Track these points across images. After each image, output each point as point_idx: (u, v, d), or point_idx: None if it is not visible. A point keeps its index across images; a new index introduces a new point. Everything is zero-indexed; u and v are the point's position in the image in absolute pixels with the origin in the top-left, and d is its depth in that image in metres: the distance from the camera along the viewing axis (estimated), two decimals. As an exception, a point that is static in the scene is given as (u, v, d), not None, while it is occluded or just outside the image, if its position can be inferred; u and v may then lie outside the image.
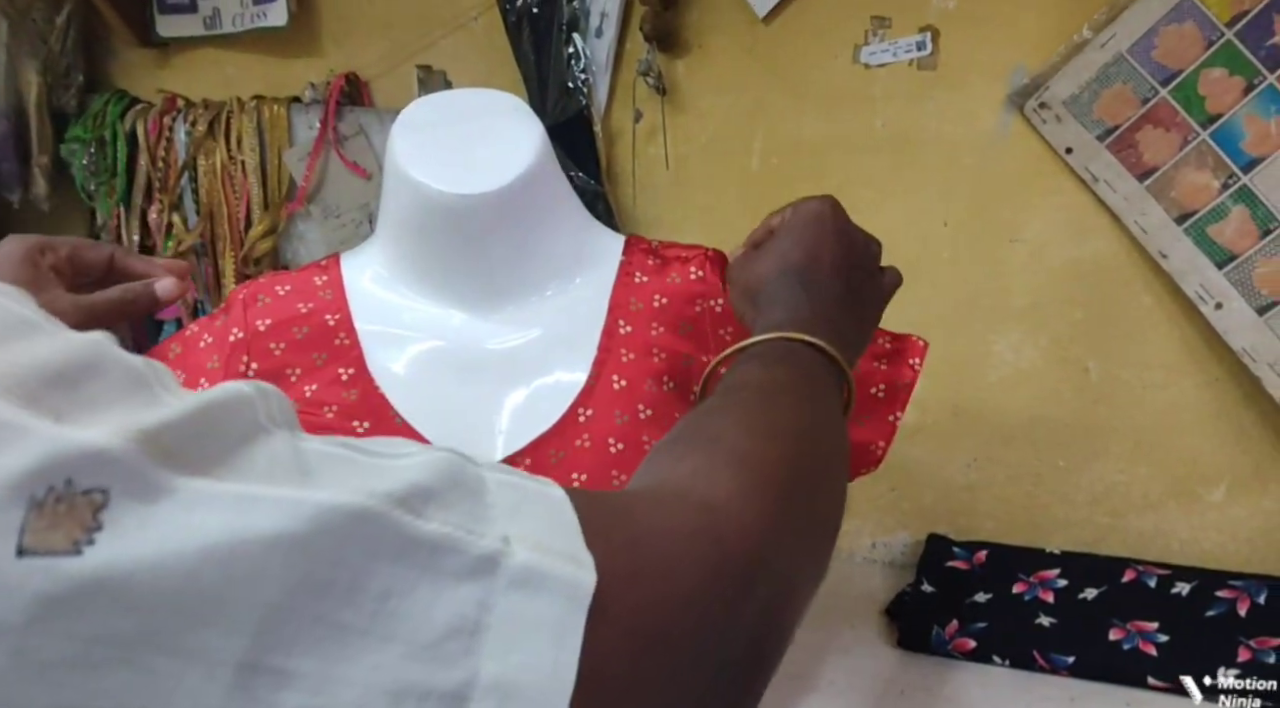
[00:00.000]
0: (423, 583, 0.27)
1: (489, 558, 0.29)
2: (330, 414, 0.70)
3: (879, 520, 1.19)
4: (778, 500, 0.39)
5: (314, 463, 0.29)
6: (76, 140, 1.45)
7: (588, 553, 0.30)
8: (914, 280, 1.10)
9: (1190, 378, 1.02)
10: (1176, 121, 0.93)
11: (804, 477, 0.42)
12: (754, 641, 0.36)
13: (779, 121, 1.12)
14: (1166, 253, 0.96)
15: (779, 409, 0.46)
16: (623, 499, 0.37)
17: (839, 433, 0.51)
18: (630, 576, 0.31)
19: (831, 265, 0.60)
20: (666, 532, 0.34)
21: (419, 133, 0.75)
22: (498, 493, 0.31)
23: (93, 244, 0.71)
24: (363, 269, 0.78)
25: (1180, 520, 1.06)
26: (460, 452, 0.33)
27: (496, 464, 0.34)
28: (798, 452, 0.43)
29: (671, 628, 0.32)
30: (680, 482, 0.39)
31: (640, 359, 0.73)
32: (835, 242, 0.61)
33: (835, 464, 0.48)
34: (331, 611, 0.26)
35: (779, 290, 0.59)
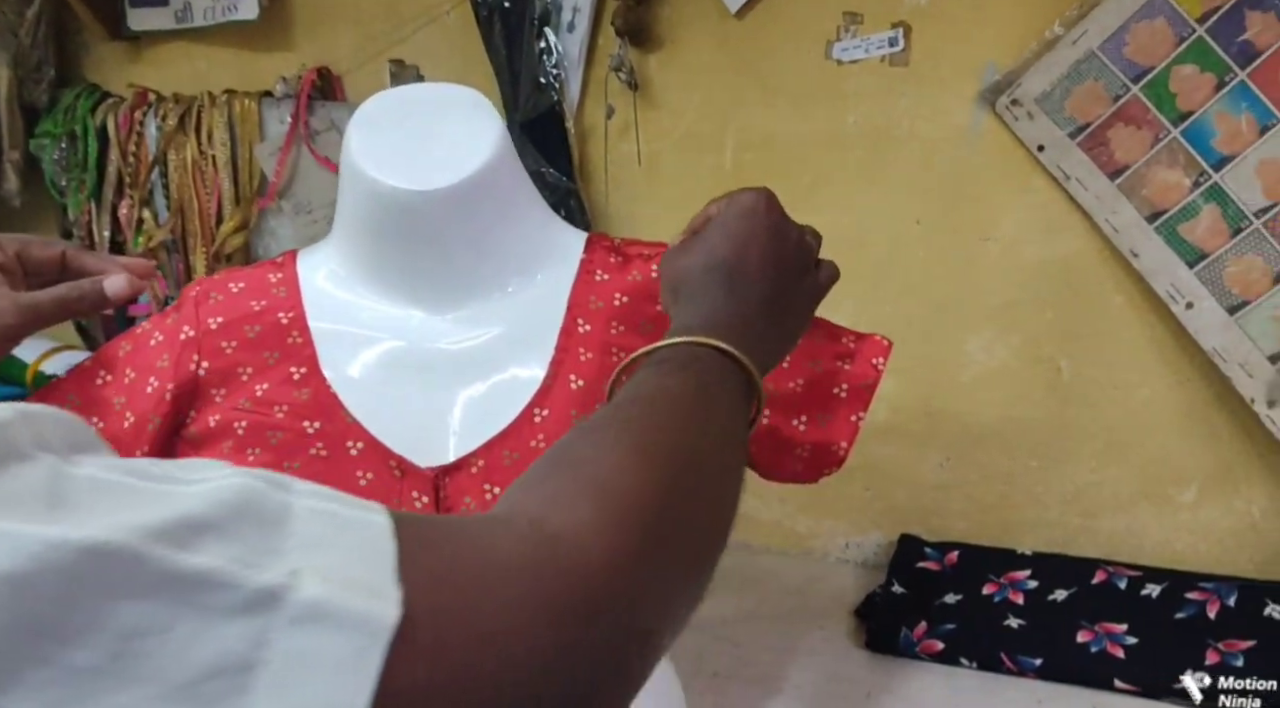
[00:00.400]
0: (182, 620, 0.26)
1: (268, 592, 0.27)
2: (281, 414, 0.69)
3: (852, 520, 1.18)
4: (637, 533, 0.37)
5: (74, 493, 0.28)
6: (47, 135, 1.43)
7: (396, 586, 0.29)
8: (886, 279, 1.10)
9: (1162, 378, 1.01)
10: (1148, 119, 0.92)
11: (676, 505, 0.40)
12: (590, 683, 0.33)
13: (751, 118, 1.11)
14: (1138, 252, 0.95)
15: (662, 429, 0.44)
16: (463, 527, 0.35)
17: (731, 451, 0.48)
18: (446, 610, 0.30)
19: (759, 263, 0.57)
20: (498, 564, 0.32)
21: (374, 128, 0.74)
22: (304, 522, 0.30)
23: (43, 241, 0.69)
24: (318, 267, 0.76)
25: (1152, 521, 1.05)
26: (270, 477, 0.31)
27: (317, 490, 0.32)
28: (673, 478, 0.41)
29: (486, 667, 0.30)
30: (535, 508, 0.37)
31: (599, 358, 0.72)
32: (766, 238, 0.59)
33: (720, 487, 0.46)
34: (58, 652, 0.25)
35: (700, 287, 0.57)
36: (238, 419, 0.69)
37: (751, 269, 0.57)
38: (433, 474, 0.67)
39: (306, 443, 0.68)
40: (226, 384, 0.71)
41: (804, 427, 0.74)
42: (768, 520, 1.21)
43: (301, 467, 0.67)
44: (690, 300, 0.57)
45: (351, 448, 0.68)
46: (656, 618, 0.38)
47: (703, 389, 0.48)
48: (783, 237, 0.60)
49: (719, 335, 0.51)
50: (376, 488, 0.66)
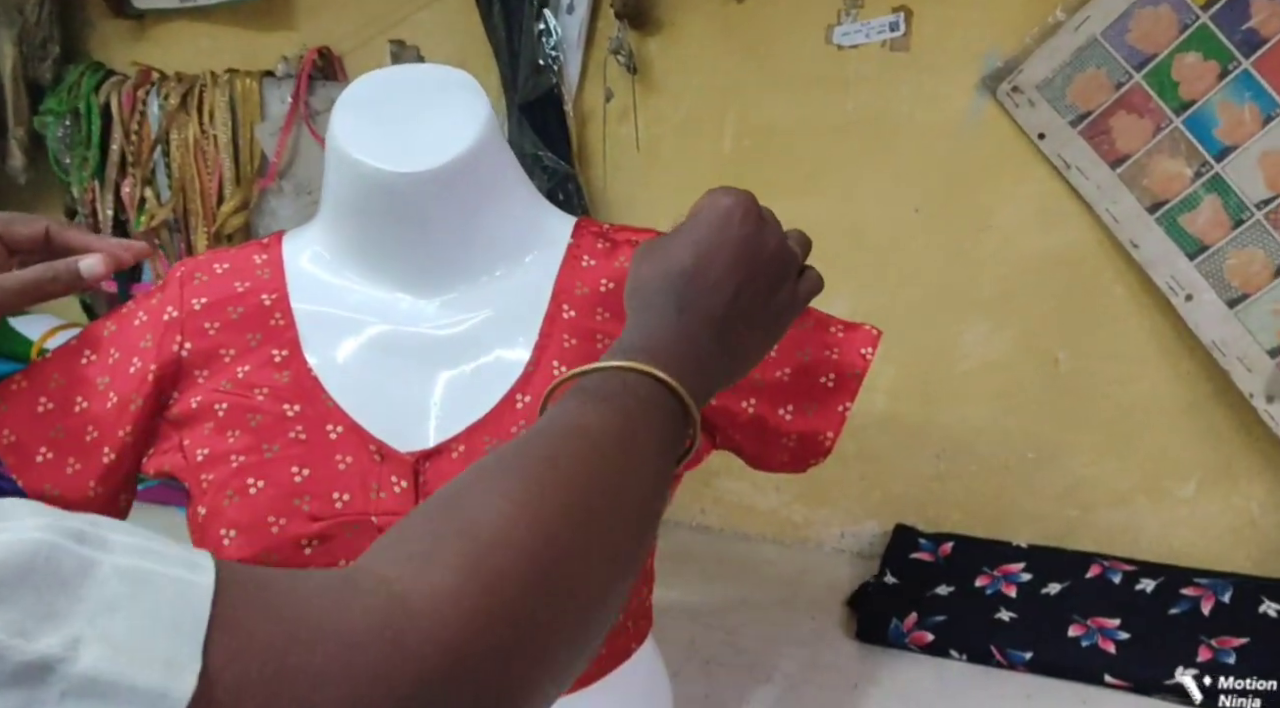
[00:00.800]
0: None
1: (39, 664, 0.25)
2: (261, 397, 0.69)
3: (848, 510, 1.17)
4: (504, 604, 0.34)
5: None
6: (51, 112, 1.43)
7: (198, 657, 0.27)
8: (884, 268, 1.09)
9: (1161, 371, 1.00)
10: (1150, 107, 0.90)
11: (558, 570, 0.37)
12: None
13: (751, 102, 1.10)
14: (1138, 243, 0.94)
15: (561, 480, 0.41)
16: (304, 587, 0.32)
17: (643, 499, 0.45)
18: (255, 683, 0.28)
19: (722, 274, 0.54)
20: (328, 631, 0.30)
21: (360, 109, 0.74)
22: (104, 584, 0.27)
23: (26, 218, 0.68)
24: (303, 249, 0.76)
25: (1150, 516, 1.04)
26: (84, 530, 0.29)
27: (143, 545, 0.30)
28: (562, 538, 0.38)
29: None
30: (392, 566, 0.34)
31: (582, 344, 0.71)
32: (735, 247, 0.54)
33: (620, 543, 0.43)
34: None
35: (652, 299, 0.54)
36: (219, 401, 0.69)
37: (711, 281, 0.54)
38: (413, 459, 0.67)
39: (286, 426, 0.68)
40: (209, 366, 0.71)
41: (790, 416, 0.74)
42: (763, 509, 1.21)
43: (281, 450, 0.67)
44: (639, 313, 0.54)
45: (331, 432, 0.68)
46: (520, 696, 0.34)
47: (625, 427, 0.45)
48: (755, 247, 0.55)
49: (659, 359, 0.49)
50: (356, 472, 0.66)
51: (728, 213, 0.56)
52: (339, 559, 0.64)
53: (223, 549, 0.63)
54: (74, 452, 0.71)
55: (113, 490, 0.72)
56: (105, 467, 0.71)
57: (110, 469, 0.71)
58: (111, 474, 0.71)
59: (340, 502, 0.65)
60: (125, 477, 0.72)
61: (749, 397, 0.73)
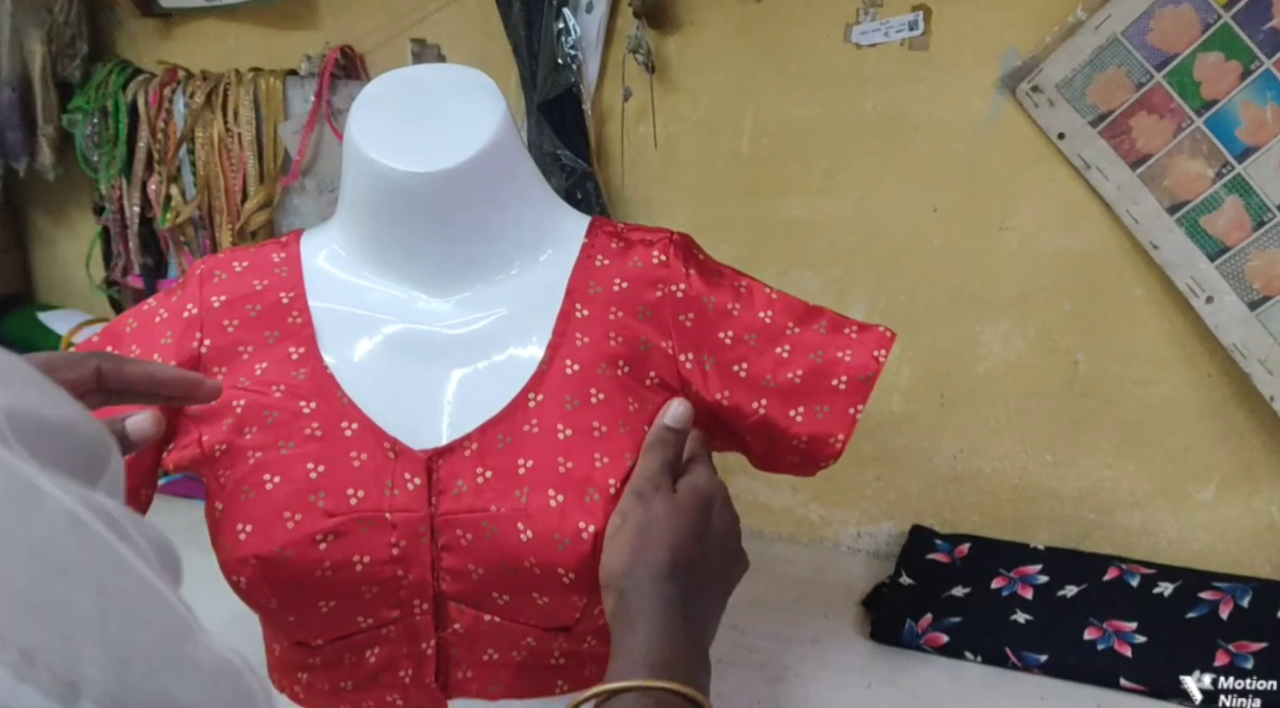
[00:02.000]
0: None
1: None
2: (278, 393, 0.70)
3: (864, 510, 1.17)
4: None
5: None
6: (79, 110, 1.45)
7: None
8: (901, 268, 1.08)
9: (1181, 373, 0.99)
10: (1171, 108, 0.89)
11: None
12: None
13: (769, 101, 1.10)
14: (1158, 244, 0.93)
15: None
16: None
17: None
18: None
19: (712, 558, 0.62)
20: None
21: (377, 109, 0.75)
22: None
23: (70, 360, 0.60)
24: (320, 247, 0.77)
25: (1168, 519, 1.03)
26: None
27: None
28: None
29: None
30: None
31: (595, 344, 0.72)
32: (723, 532, 0.63)
33: None
34: None
35: (643, 602, 0.58)
36: (237, 397, 0.70)
37: (708, 573, 0.61)
38: (426, 456, 0.68)
39: (303, 423, 0.68)
40: (227, 362, 0.72)
41: (801, 418, 0.74)
42: (779, 508, 1.21)
43: (297, 446, 0.67)
44: (640, 620, 0.57)
45: (346, 429, 0.68)
46: None
47: None
48: (732, 532, 0.65)
49: (670, 669, 0.54)
50: (370, 469, 0.67)
51: (705, 499, 0.63)
52: (353, 555, 0.65)
53: (239, 544, 0.65)
54: (95, 446, 0.72)
55: (133, 485, 0.73)
56: (126, 462, 0.72)
57: (131, 464, 0.72)
58: (132, 469, 0.72)
59: (355, 498, 0.66)
60: (146, 471, 0.74)
61: (759, 398, 0.73)
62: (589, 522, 0.64)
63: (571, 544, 0.64)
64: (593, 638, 0.72)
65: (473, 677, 0.71)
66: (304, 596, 0.66)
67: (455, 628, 0.69)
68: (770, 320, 0.75)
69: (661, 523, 0.60)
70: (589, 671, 0.73)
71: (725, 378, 0.73)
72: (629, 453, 0.68)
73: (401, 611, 0.67)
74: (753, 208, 1.13)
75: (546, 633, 0.70)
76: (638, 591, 0.58)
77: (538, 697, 0.72)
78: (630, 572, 0.59)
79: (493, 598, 0.67)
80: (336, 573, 0.65)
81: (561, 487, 0.66)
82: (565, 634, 0.70)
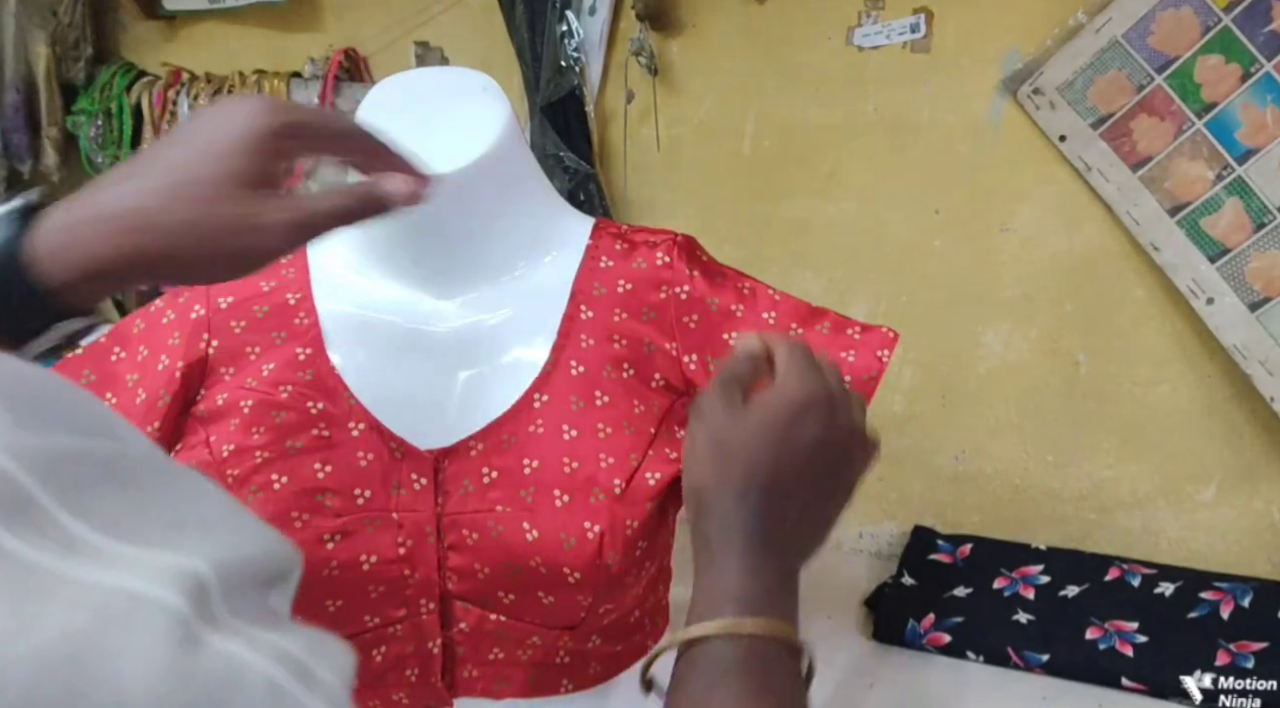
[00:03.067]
0: None
1: None
2: (285, 394, 0.70)
3: (866, 510, 1.17)
4: None
5: None
6: (83, 112, 1.46)
7: None
8: (903, 269, 1.09)
9: (1181, 374, 0.99)
10: (1171, 110, 0.90)
11: None
12: None
13: (772, 104, 1.10)
14: (1159, 245, 0.94)
15: None
16: None
17: None
18: None
19: (803, 474, 0.52)
20: None
21: (382, 113, 0.75)
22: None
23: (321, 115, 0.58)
24: (328, 249, 0.77)
25: (1169, 519, 1.04)
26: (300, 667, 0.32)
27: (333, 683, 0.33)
28: None
29: None
30: None
31: (600, 345, 0.72)
32: (814, 443, 0.52)
33: None
34: None
35: (733, 522, 0.51)
36: (244, 398, 0.70)
37: (792, 485, 0.52)
38: (432, 457, 0.68)
39: (309, 423, 0.69)
40: (235, 363, 0.72)
41: (805, 417, 0.74)
42: (781, 508, 1.21)
43: (304, 446, 0.68)
44: (722, 543, 0.51)
45: (353, 429, 0.69)
46: None
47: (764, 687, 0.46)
48: (830, 437, 0.53)
49: (763, 606, 0.48)
50: (377, 469, 0.67)
51: (810, 399, 0.53)
52: (359, 554, 0.65)
53: (246, 544, 0.65)
54: (103, 447, 0.73)
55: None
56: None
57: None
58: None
59: (362, 498, 0.66)
60: (153, 472, 0.74)
61: (764, 398, 0.73)
62: (594, 522, 0.65)
63: (577, 544, 0.64)
64: (598, 637, 0.72)
65: (478, 676, 0.71)
66: (310, 595, 0.66)
67: (461, 627, 0.69)
68: (774, 321, 0.76)
69: (731, 442, 0.52)
70: (594, 669, 0.73)
71: (729, 379, 0.73)
72: (634, 454, 0.68)
73: (408, 610, 0.68)
74: (755, 209, 1.13)
75: (552, 632, 0.70)
76: (708, 513, 0.52)
77: (543, 696, 0.72)
78: (715, 489, 0.52)
79: (498, 598, 0.68)
80: (344, 572, 0.65)
81: (567, 487, 0.66)
82: (571, 633, 0.70)
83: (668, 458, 0.70)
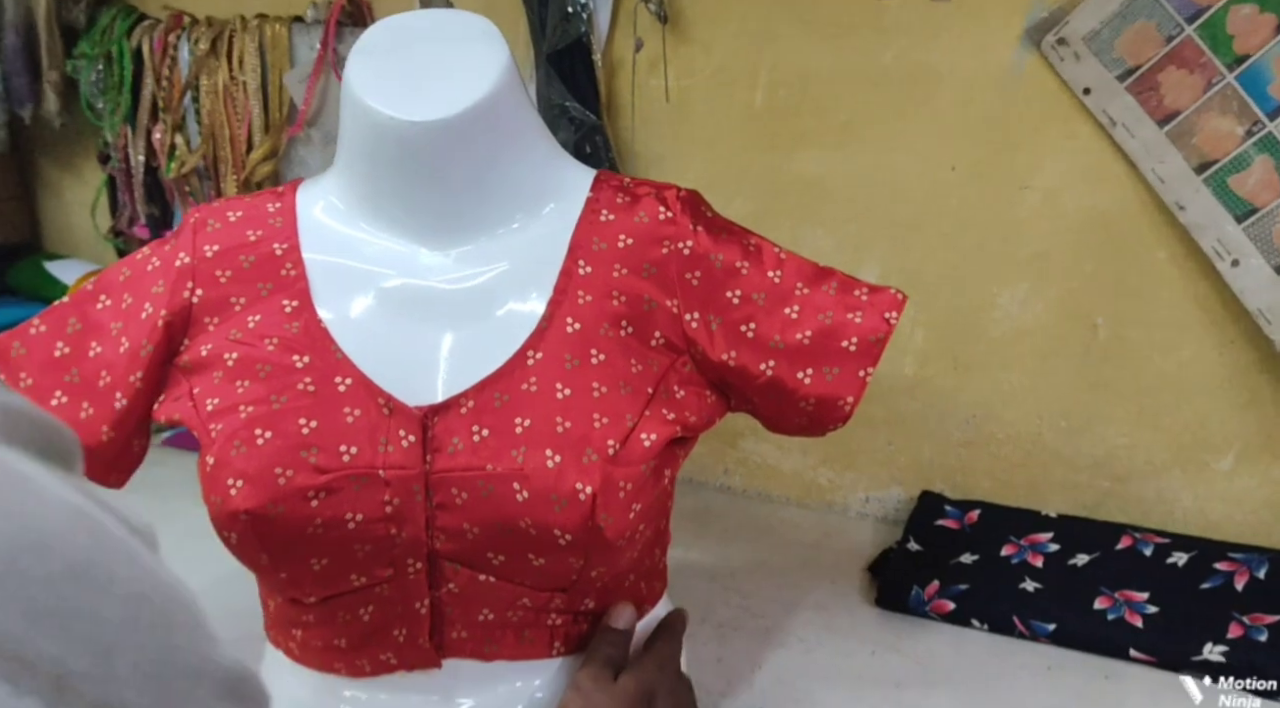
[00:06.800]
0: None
1: None
2: (271, 347, 0.68)
3: (873, 475, 1.15)
4: None
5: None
6: (84, 56, 1.43)
7: None
8: (918, 227, 1.05)
9: (1203, 339, 0.96)
10: (1201, 62, 0.86)
11: None
12: None
13: (785, 53, 1.06)
14: (1184, 204, 0.90)
15: None
16: None
17: None
18: None
19: None
20: None
21: (375, 56, 0.72)
22: None
23: None
24: (317, 199, 0.75)
25: (1185, 488, 1.01)
26: None
27: None
28: None
29: None
30: None
31: (598, 302, 0.70)
32: None
33: None
34: None
35: None
36: (228, 350, 0.68)
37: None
38: (421, 413, 0.66)
39: (295, 378, 0.67)
40: (219, 313, 0.70)
41: (809, 380, 0.72)
42: (787, 471, 1.19)
43: (289, 401, 0.66)
44: None
45: (340, 384, 0.67)
46: None
47: None
48: None
49: None
50: (364, 426, 0.66)
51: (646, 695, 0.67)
52: (345, 512, 0.64)
53: (230, 499, 0.63)
54: (87, 396, 0.71)
55: (125, 436, 0.72)
56: (117, 412, 0.71)
57: (123, 415, 0.71)
58: (124, 420, 0.71)
59: (348, 455, 0.64)
60: (138, 422, 0.72)
61: (767, 359, 0.71)
62: (586, 483, 0.63)
63: (568, 505, 0.62)
64: (590, 600, 0.71)
65: (468, 637, 0.69)
66: (295, 553, 0.64)
67: (450, 588, 0.67)
68: (779, 280, 0.73)
69: None
70: (586, 632, 0.72)
71: (732, 338, 0.71)
72: (629, 414, 0.66)
73: (395, 569, 0.66)
74: (766, 163, 1.10)
75: (543, 594, 0.68)
76: None
77: (533, 658, 0.71)
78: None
79: (488, 558, 0.66)
80: (328, 531, 0.64)
81: (559, 447, 0.64)
82: (562, 595, 0.69)
83: (665, 419, 0.68)
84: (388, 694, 0.71)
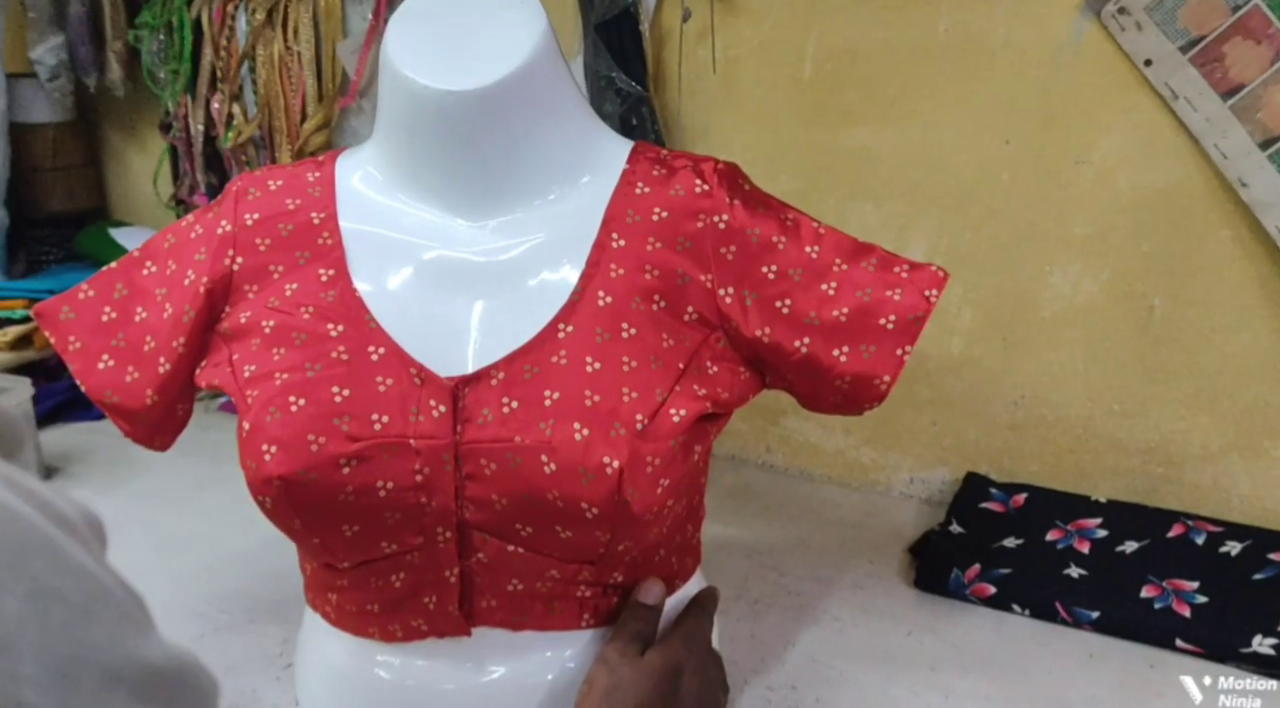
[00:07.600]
0: None
1: None
2: (307, 315, 0.69)
3: (918, 455, 1.13)
4: None
5: None
6: (145, 26, 1.46)
7: None
8: (968, 203, 1.03)
9: (1265, 322, 0.92)
10: (1269, 33, 0.82)
11: None
12: None
13: (835, 23, 1.04)
14: (1247, 181, 0.86)
15: None
16: None
17: None
18: None
19: None
20: None
21: (414, 25, 0.72)
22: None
23: None
24: (356, 168, 0.76)
25: (1242, 475, 0.98)
26: None
27: None
28: None
29: None
30: None
31: (630, 275, 0.69)
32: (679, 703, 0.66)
33: None
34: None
35: None
36: (266, 318, 0.69)
37: None
38: (452, 384, 0.66)
39: (329, 346, 0.68)
40: (259, 281, 0.71)
41: (845, 357, 0.70)
42: (830, 450, 1.18)
43: (323, 369, 0.67)
44: None
45: (373, 353, 0.67)
46: None
47: None
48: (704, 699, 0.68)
49: None
50: (395, 395, 0.66)
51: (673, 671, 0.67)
52: (375, 480, 0.64)
53: (264, 465, 0.64)
54: (133, 361, 0.73)
55: (169, 400, 0.74)
56: (162, 377, 0.72)
57: (166, 379, 0.72)
58: (168, 385, 0.73)
59: (379, 423, 0.65)
60: (181, 387, 0.74)
61: (802, 336, 0.70)
62: (614, 457, 0.62)
63: (595, 479, 0.62)
64: (619, 573, 0.71)
65: (497, 606, 0.70)
66: (327, 519, 0.65)
67: (479, 557, 0.68)
68: (817, 256, 0.72)
69: (626, 689, 0.64)
70: (615, 606, 0.72)
71: (767, 314, 0.70)
72: (659, 389, 0.66)
73: (425, 538, 0.67)
74: (814, 137, 1.08)
75: (571, 566, 0.68)
76: None
77: (562, 629, 0.71)
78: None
79: (516, 529, 0.66)
80: (359, 498, 0.64)
81: (587, 420, 0.64)
82: (590, 568, 0.69)
83: (695, 395, 0.67)
84: (422, 660, 0.72)
